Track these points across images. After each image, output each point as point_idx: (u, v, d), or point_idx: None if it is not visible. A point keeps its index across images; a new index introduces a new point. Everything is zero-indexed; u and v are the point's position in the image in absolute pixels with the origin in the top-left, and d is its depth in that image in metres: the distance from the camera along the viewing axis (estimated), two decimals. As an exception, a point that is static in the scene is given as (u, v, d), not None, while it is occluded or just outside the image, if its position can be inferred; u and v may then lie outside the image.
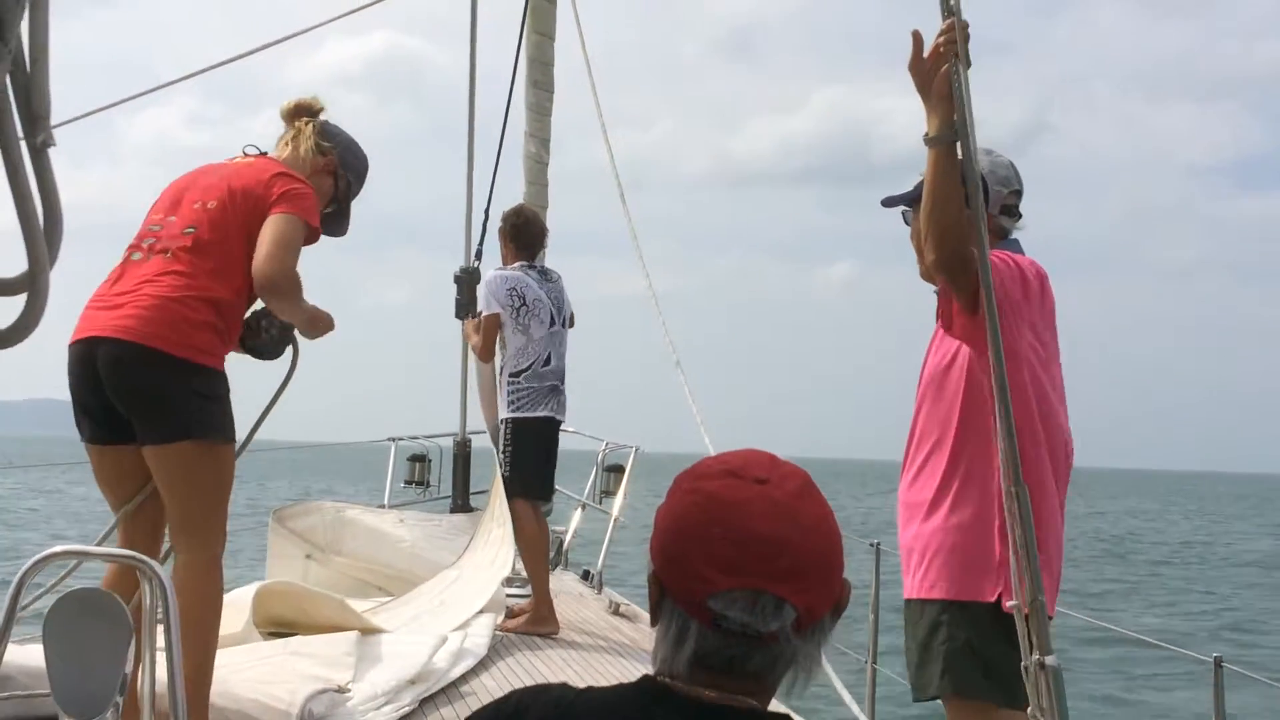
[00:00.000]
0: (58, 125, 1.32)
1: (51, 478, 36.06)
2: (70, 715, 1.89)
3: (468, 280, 6.11)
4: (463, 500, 7.14)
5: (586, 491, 7.29)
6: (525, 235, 5.46)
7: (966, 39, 2.33)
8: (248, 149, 3.44)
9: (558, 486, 6.22)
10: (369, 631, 4.45)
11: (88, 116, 5.02)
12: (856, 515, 36.17)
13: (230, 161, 3.35)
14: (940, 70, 2.45)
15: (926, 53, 2.49)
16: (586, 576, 6.77)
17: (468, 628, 4.78)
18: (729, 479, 1.21)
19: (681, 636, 1.19)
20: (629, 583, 8.97)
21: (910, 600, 2.79)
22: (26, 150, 1.23)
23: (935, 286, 2.85)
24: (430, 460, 7.84)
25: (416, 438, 7.96)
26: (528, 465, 5.25)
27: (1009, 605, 2.30)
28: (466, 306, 6.00)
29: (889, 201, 2.93)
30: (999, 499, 2.60)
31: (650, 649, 1.25)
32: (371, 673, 3.92)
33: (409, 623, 4.89)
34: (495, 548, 5.55)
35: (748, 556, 1.16)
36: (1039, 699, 2.16)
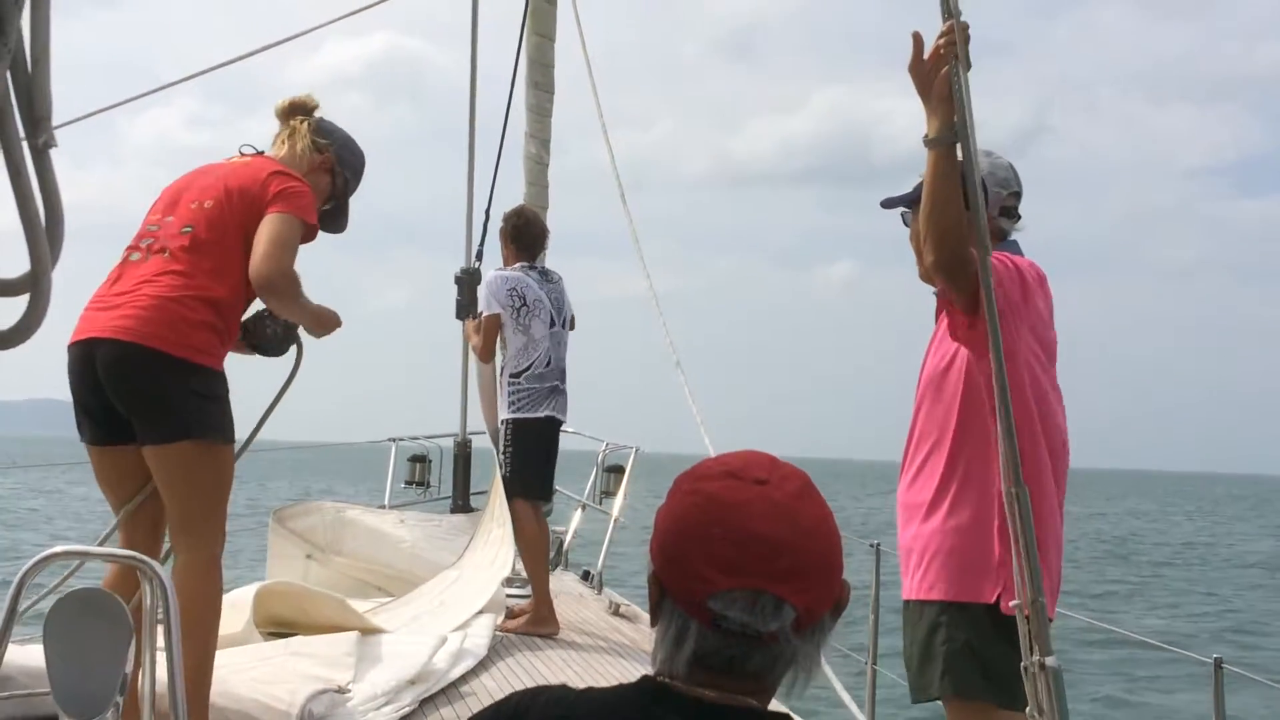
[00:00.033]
0: (59, 126, 1.32)
1: (52, 478, 36.03)
2: (70, 715, 1.89)
3: (468, 281, 6.11)
4: (463, 501, 7.14)
5: (586, 492, 7.28)
6: (526, 236, 5.46)
7: (967, 40, 2.33)
8: (244, 148, 3.43)
9: (558, 487, 6.21)
10: (369, 632, 4.45)
11: (89, 117, 5.02)
12: (856, 516, 36.12)
13: (227, 161, 3.34)
14: (940, 72, 2.45)
15: (927, 54, 2.49)
16: (586, 577, 6.77)
17: (468, 628, 4.78)
18: (729, 480, 1.21)
19: (681, 637, 1.19)
20: (629, 583, 8.96)
21: (909, 601, 2.79)
22: (28, 151, 1.23)
23: (934, 288, 2.85)
24: (430, 461, 7.84)
25: (417, 438, 7.96)
26: (528, 466, 5.25)
27: (1010, 606, 2.30)
28: (467, 307, 6.00)
29: (888, 203, 2.93)
30: (998, 500, 2.60)
31: (650, 649, 1.25)
32: (372, 673, 3.92)
33: (409, 623, 4.88)
34: (495, 547, 5.54)
35: (748, 557, 1.16)
36: (1038, 700, 2.16)
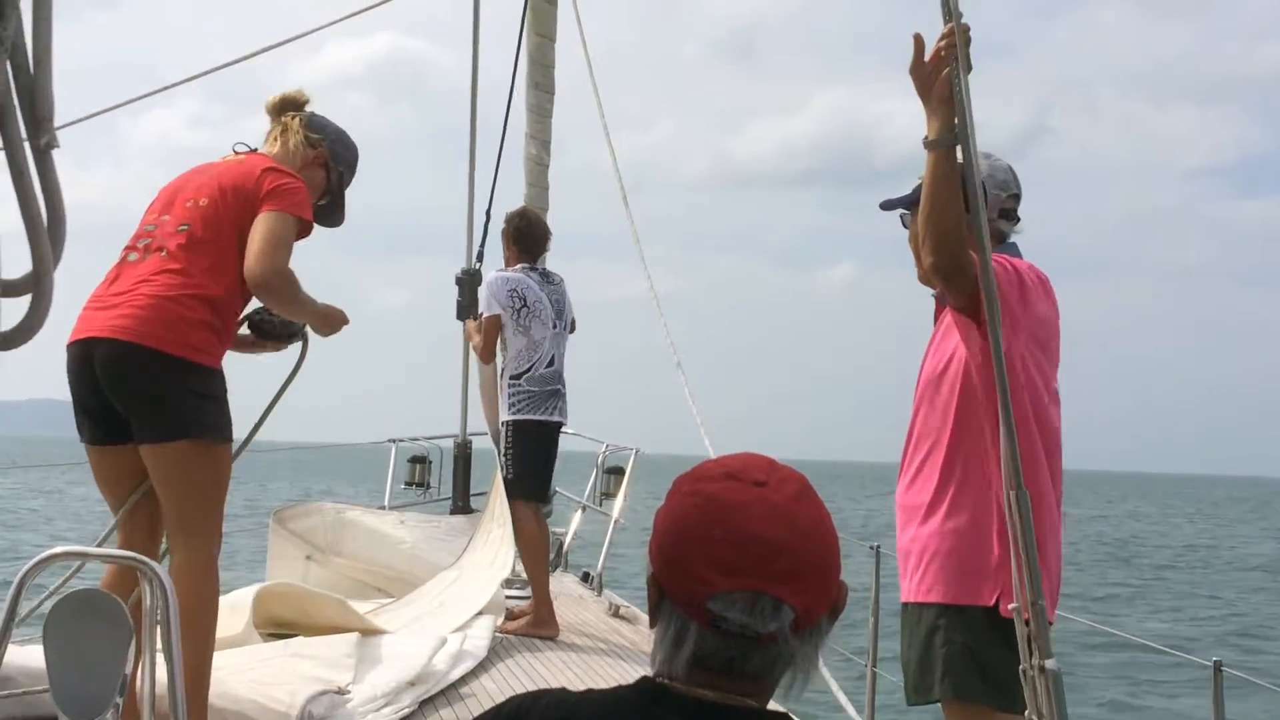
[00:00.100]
0: (61, 127, 1.32)
1: (52, 478, 36.00)
2: (70, 716, 1.88)
3: (469, 282, 6.11)
4: (463, 502, 7.14)
5: (586, 493, 7.28)
6: (528, 238, 5.45)
7: (968, 43, 2.32)
8: (237, 146, 3.42)
9: (559, 488, 6.20)
10: (369, 633, 4.44)
11: (92, 118, 5.03)
12: (856, 518, 36.06)
13: (222, 160, 3.35)
14: (941, 74, 2.45)
15: (927, 56, 2.49)
16: (586, 578, 6.76)
17: (467, 629, 4.78)
18: (728, 482, 1.21)
19: (680, 638, 1.19)
20: (629, 585, 8.96)
21: (907, 604, 2.79)
22: (30, 152, 1.23)
23: (933, 290, 2.84)
24: (430, 462, 7.84)
25: (417, 439, 7.96)
26: (528, 467, 5.24)
27: (1009, 609, 2.30)
28: (468, 308, 6.00)
29: (887, 205, 2.92)
30: (996, 502, 2.60)
31: (650, 651, 1.26)
32: (371, 674, 3.92)
33: (409, 624, 4.88)
34: (495, 547, 5.55)
35: (747, 558, 1.16)
36: (1037, 703, 2.15)
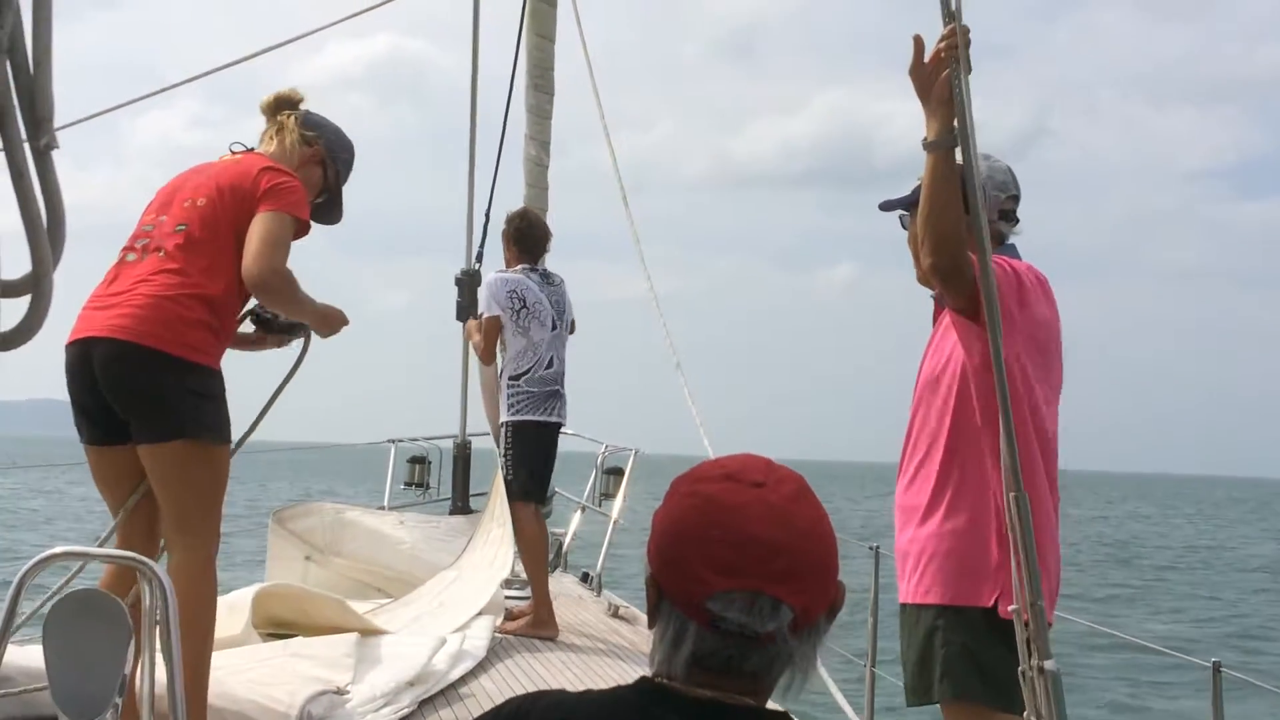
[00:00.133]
0: (61, 128, 1.32)
1: (51, 478, 35.99)
2: (70, 716, 1.88)
3: (468, 282, 6.12)
4: (462, 502, 7.14)
5: (586, 494, 7.28)
6: (529, 239, 5.45)
7: (968, 44, 2.32)
8: (234, 146, 3.42)
9: (558, 489, 6.20)
10: (368, 633, 4.45)
11: (92, 119, 5.03)
12: (856, 518, 36.02)
13: (219, 160, 3.35)
14: (941, 75, 2.45)
15: (927, 57, 2.49)
16: (586, 579, 6.77)
17: (467, 630, 4.78)
18: (726, 483, 1.22)
19: (679, 638, 1.19)
20: (628, 585, 8.96)
21: (906, 605, 2.79)
22: (30, 152, 1.23)
23: (932, 291, 2.84)
24: (430, 462, 7.85)
25: (416, 439, 7.97)
26: (528, 468, 5.25)
27: (1008, 611, 2.30)
28: (467, 309, 6.01)
29: (886, 206, 2.92)
30: (994, 503, 2.60)
31: (649, 651, 1.26)
32: (371, 674, 3.93)
33: (408, 624, 4.89)
34: (495, 547, 5.55)
35: (745, 558, 1.17)
36: (1036, 704, 2.16)
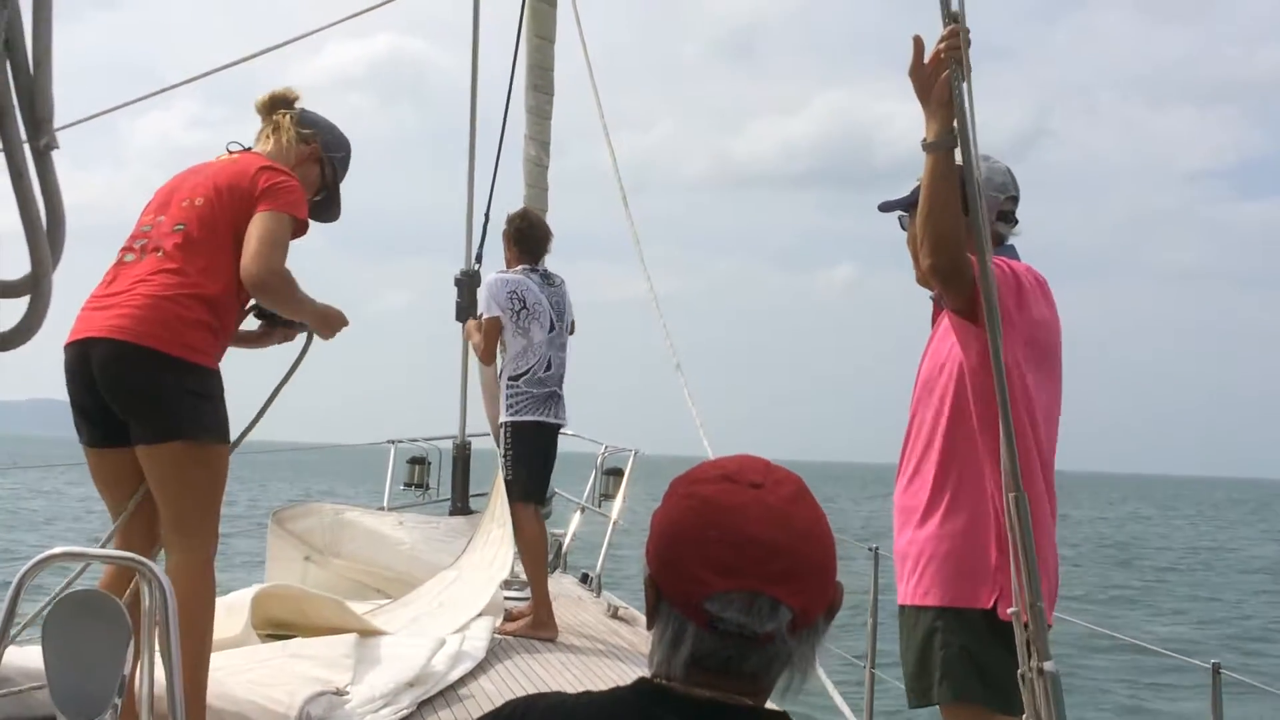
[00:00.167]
0: (61, 128, 1.32)
1: (51, 478, 35.99)
2: (69, 717, 1.88)
3: (468, 283, 6.12)
4: (462, 503, 7.15)
5: (586, 494, 7.29)
6: (529, 239, 5.45)
7: (968, 45, 2.32)
8: (231, 146, 3.43)
9: (557, 490, 6.19)
10: (368, 634, 4.45)
11: (92, 119, 5.03)
12: (855, 519, 36.00)
13: (216, 160, 3.35)
14: (940, 76, 2.45)
15: (927, 58, 2.49)
16: (585, 579, 6.77)
17: (466, 630, 4.78)
18: (724, 484, 1.22)
19: (678, 639, 1.19)
20: (628, 586, 8.96)
21: (905, 606, 2.79)
22: (30, 153, 1.23)
23: (931, 292, 2.84)
24: (430, 463, 7.85)
25: (416, 440, 7.97)
26: (527, 468, 5.25)
27: (1007, 612, 2.30)
28: (467, 309, 6.01)
29: (886, 206, 2.92)
30: (993, 504, 2.60)
31: (648, 652, 1.26)
32: (370, 675, 3.93)
33: (408, 625, 4.89)
34: (494, 548, 5.55)
35: (744, 559, 1.17)
36: (1036, 705, 2.15)
